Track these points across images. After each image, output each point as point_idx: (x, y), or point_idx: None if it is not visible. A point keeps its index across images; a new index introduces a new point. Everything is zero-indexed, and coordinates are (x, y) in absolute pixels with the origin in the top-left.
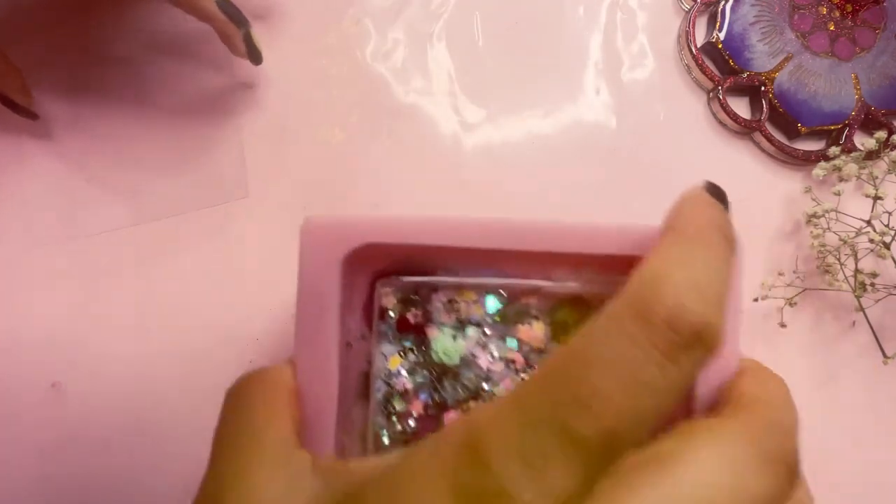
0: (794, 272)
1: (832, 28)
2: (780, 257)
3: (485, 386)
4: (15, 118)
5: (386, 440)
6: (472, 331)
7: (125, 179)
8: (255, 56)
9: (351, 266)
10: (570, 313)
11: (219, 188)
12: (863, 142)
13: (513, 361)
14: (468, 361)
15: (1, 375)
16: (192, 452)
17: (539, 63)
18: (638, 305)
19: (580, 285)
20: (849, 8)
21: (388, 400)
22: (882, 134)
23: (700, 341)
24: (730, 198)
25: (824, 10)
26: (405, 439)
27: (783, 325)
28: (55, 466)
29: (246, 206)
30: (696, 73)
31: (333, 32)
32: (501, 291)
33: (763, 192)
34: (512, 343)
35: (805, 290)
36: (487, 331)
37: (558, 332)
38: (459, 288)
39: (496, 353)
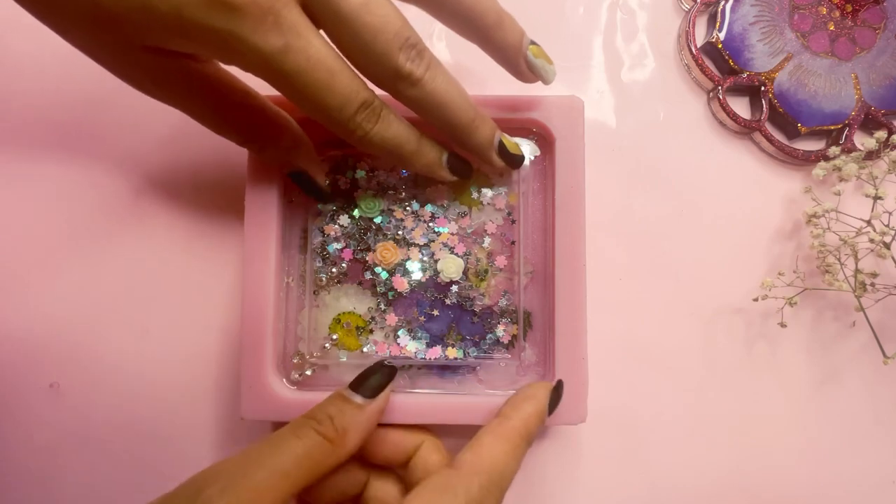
0: (794, 272)
1: (832, 28)
2: (780, 257)
3: (400, 233)
4: (15, 120)
5: (324, 279)
6: (389, 191)
7: (128, 182)
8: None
9: None
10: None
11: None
12: (863, 142)
13: (421, 215)
14: (387, 214)
15: None
16: (189, 452)
17: None
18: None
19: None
20: (849, 8)
21: (323, 247)
22: (882, 134)
23: None
24: (730, 198)
25: (824, 10)
26: (338, 279)
27: (783, 325)
28: (53, 466)
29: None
30: (696, 73)
31: None
32: None
33: (763, 192)
34: (421, 200)
35: (805, 290)
36: (402, 193)
37: (457, 190)
38: (379, 159)
39: (408, 208)
